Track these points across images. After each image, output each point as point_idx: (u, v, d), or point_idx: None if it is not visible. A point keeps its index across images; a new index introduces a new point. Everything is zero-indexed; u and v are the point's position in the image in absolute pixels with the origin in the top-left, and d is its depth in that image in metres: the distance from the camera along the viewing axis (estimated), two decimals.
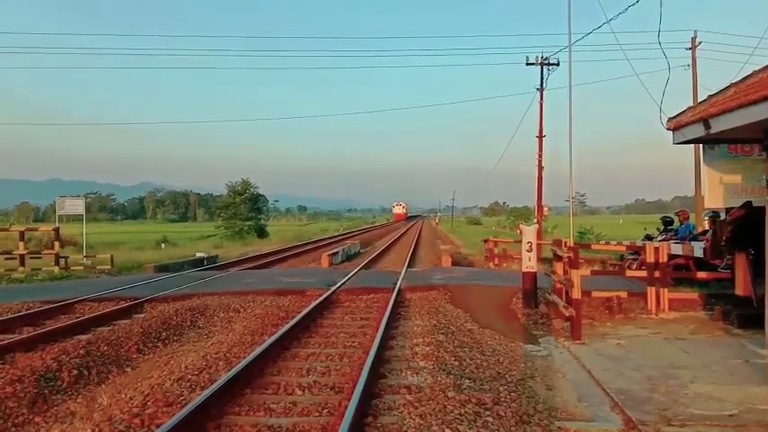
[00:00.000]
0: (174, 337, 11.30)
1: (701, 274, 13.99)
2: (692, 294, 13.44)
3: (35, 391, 7.79)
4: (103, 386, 8.37)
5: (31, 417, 7.20)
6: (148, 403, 6.94)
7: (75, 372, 8.62)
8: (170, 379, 7.92)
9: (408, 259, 28.25)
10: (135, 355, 9.99)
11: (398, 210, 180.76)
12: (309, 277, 18.90)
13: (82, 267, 24.01)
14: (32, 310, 13.13)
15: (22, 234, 24.02)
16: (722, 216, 16.60)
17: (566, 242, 12.64)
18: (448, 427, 6.00)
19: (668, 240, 16.68)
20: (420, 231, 75.09)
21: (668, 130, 11.83)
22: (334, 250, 30.98)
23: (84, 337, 10.64)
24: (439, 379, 7.67)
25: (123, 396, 7.51)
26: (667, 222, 19.05)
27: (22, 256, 22.62)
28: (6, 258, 23.28)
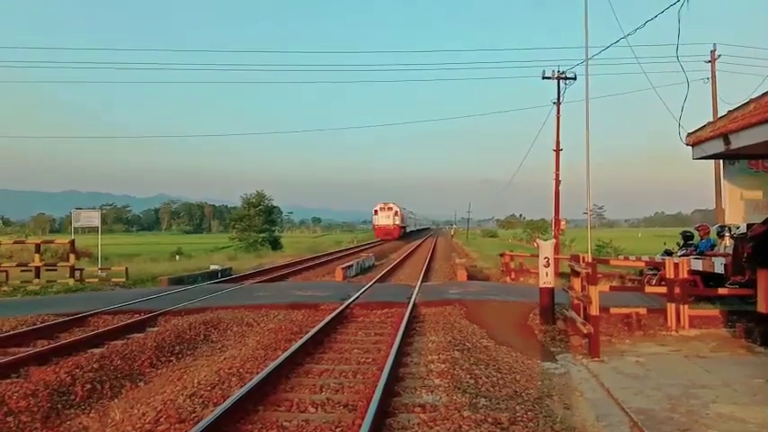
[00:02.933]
0: (188, 351, 11.23)
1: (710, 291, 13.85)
2: (713, 311, 13.26)
3: (48, 405, 7.77)
4: (116, 401, 8.32)
5: (44, 431, 7.15)
6: (161, 419, 6.88)
7: (89, 386, 8.58)
8: (183, 394, 7.86)
9: (423, 273, 28.14)
10: (148, 370, 9.93)
11: (384, 219, 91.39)
12: (323, 291, 18.82)
13: (97, 279, 24.08)
14: (47, 323, 13.13)
15: (38, 246, 24.11)
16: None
17: (584, 257, 12.50)
18: None
19: (688, 256, 16.47)
20: (434, 248, 60.69)
21: (687, 145, 11.69)
22: (349, 263, 30.92)
23: (97, 350, 10.61)
24: (454, 397, 7.56)
25: (136, 411, 7.44)
26: (687, 237, 18.83)
27: (37, 268, 22.72)
28: (22, 270, 23.38)
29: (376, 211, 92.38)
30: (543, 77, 33.88)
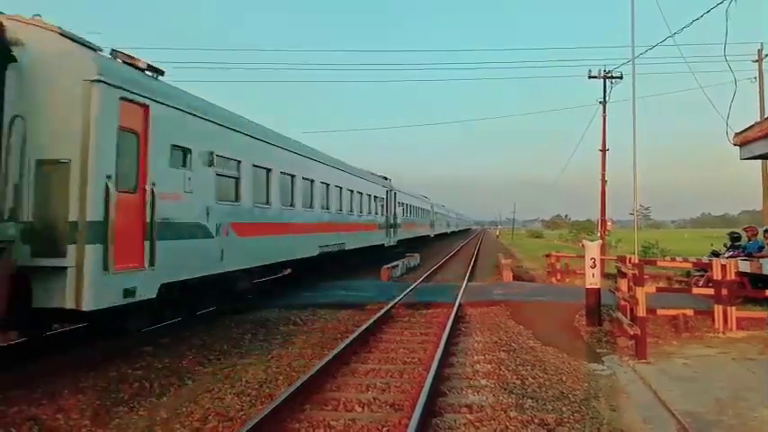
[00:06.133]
0: (235, 350, 11.33)
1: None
2: (761, 313, 13.02)
3: (98, 402, 7.88)
4: (164, 399, 8.38)
5: (93, 429, 7.24)
6: (209, 417, 7.01)
7: (137, 384, 8.70)
8: (230, 393, 7.99)
9: (468, 273, 28.03)
10: (196, 368, 10.04)
11: None
12: (369, 291, 18.88)
13: None
14: None
15: None
16: None
17: (630, 258, 12.38)
18: None
19: (736, 257, 16.22)
20: (478, 247, 57.38)
21: (735, 145, 11.53)
22: (394, 263, 30.87)
23: (146, 348, 10.76)
24: (501, 398, 7.57)
25: (184, 410, 7.55)
26: (735, 238, 18.55)
27: None
28: None
29: None
30: (589, 77, 33.51)
